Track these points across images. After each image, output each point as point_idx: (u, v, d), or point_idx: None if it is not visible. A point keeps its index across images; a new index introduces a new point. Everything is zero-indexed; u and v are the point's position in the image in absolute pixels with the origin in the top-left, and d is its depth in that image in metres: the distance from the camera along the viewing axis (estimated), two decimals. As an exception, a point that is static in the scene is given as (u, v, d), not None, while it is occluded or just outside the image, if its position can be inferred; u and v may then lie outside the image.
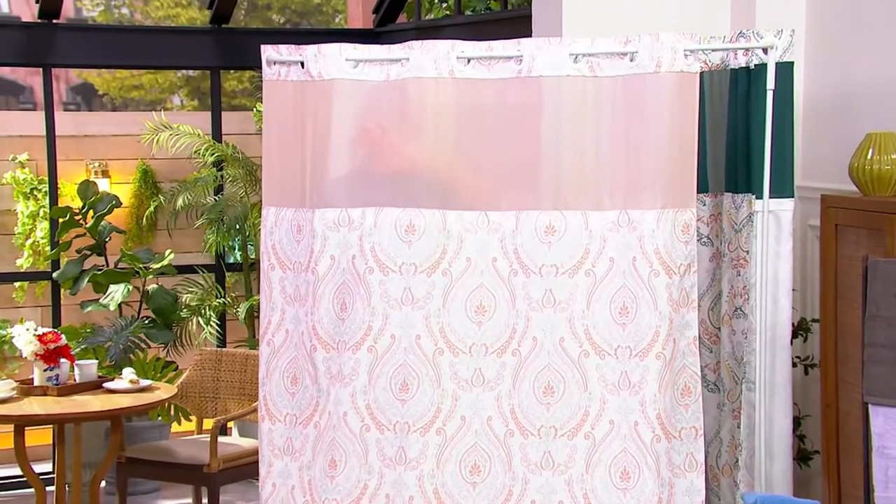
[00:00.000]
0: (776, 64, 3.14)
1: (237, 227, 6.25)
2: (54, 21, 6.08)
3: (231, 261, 6.74)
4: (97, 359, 5.36)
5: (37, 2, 5.98)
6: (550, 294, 3.12)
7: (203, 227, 6.42)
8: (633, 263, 3.08)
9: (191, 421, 5.53)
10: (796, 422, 3.49)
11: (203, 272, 6.45)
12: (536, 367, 3.12)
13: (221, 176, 6.41)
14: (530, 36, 3.95)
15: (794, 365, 3.34)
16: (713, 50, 3.27)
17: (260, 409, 3.32)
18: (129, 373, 4.77)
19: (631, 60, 3.09)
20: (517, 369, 3.13)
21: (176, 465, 4.55)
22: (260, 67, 3.35)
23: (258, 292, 6.20)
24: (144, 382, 4.75)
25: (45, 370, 4.63)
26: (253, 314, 6.18)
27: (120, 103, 9.15)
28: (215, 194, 6.44)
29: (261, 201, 4.27)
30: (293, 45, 3.27)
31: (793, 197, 3.22)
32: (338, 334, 3.18)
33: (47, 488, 4.94)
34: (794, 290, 3.28)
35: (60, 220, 6.00)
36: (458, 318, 3.14)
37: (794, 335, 3.47)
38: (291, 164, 3.27)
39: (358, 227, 3.18)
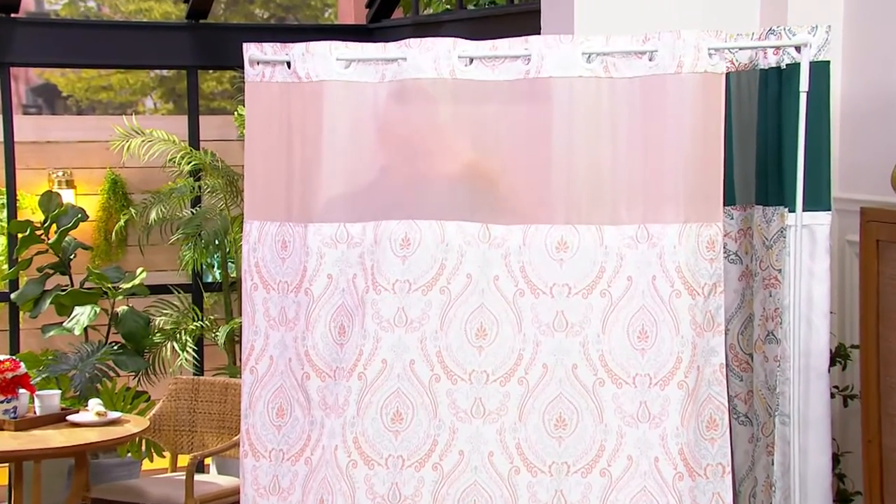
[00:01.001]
0: (810, 63, 3.16)
1: (216, 242, 6.27)
2: (13, 15, 6.12)
3: (209, 280, 6.76)
4: (60, 389, 5.37)
5: (-5, -5, 6.02)
6: (562, 316, 3.13)
7: (178, 242, 6.44)
8: (653, 283, 3.09)
9: (164, 457, 5.54)
10: (835, 459, 3.49)
11: (178, 292, 6.47)
12: (547, 396, 3.13)
13: (199, 186, 6.43)
14: (539, 33, 3.98)
15: (832, 396, 3.33)
16: (741, 48, 3.29)
17: (242, 444, 3.32)
18: (95, 404, 4.78)
19: (650, 60, 3.11)
20: (524, 399, 3.14)
21: (147, 506, 4.55)
22: (241, 67, 3.37)
23: (239, 314, 6.20)
24: (113, 415, 4.75)
25: (1, 402, 4.64)
26: (234, 339, 6.19)
27: (86, 106, 9.19)
28: (192, 207, 6.47)
29: (242, 214, 4.29)
30: (278, 43, 3.30)
31: (829, 210, 3.22)
32: (335, 361, 3.19)
33: (4, 533, 4.94)
34: (831, 312, 3.28)
35: (20, 236, 6.02)
36: (457, 341, 3.15)
37: (832, 363, 3.47)
38: (277, 173, 3.29)
39: (358, 244, 3.19)
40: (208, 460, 5.96)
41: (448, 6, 7.20)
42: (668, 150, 3.08)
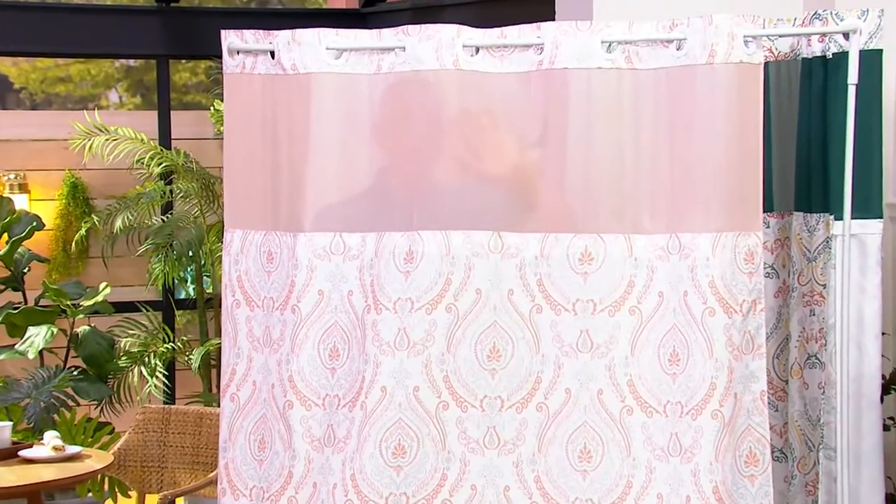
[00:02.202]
0: (860, 52, 3.17)
1: (190, 254, 6.29)
2: (-39, -2, 6.15)
3: (182, 296, 6.78)
4: (11, 420, 5.38)
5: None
6: (587, 336, 3.15)
7: (147, 254, 6.46)
8: (685, 299, 3.10)
9: (130, 497, 5.55)
10: (890, 499, 3.50)
11: (147, 310, 6.49)
12: (570, 425, 3.15)
13: (171, 191, 6.46)
14: (553, 19, 4.01)
15: (885, 428, 3.34)
16: (781, 35, 3.30)
17: (220, 481, 3.34)
18: (51, 437, 4.79)
19: (678, 49, 3.13)
20: (543, 428, 3.16)
21: (111, 552, 4.56)
22: (219, 57, 3.40)
23: (216, 335, 6.23)
24: (72, 449, 4.76)
25: (-54, 434, 4.65)
26: (209, 362, 6.21)
27: (42, 100, 9.22)
28: (163, 213, 6.50)
29: (219, 222, 4.31)
30: (261, 31, 3.32)
31: (881, 217, 3.23)
32: (325, 388, 3.20)
33: (-51, 583, 4.95)
34: (883, 333, 3.29)
35: (-32, 246, 6.04)
36: (467, 364, 3.17)
37: (886, 390, 3.48)
38: (260, 176, 3.31)
39: (356, 257, 3.21)
40: (180, 500, 5.96)
41: (451, -12, 7.24)
42: (699, 150, 3.09)
